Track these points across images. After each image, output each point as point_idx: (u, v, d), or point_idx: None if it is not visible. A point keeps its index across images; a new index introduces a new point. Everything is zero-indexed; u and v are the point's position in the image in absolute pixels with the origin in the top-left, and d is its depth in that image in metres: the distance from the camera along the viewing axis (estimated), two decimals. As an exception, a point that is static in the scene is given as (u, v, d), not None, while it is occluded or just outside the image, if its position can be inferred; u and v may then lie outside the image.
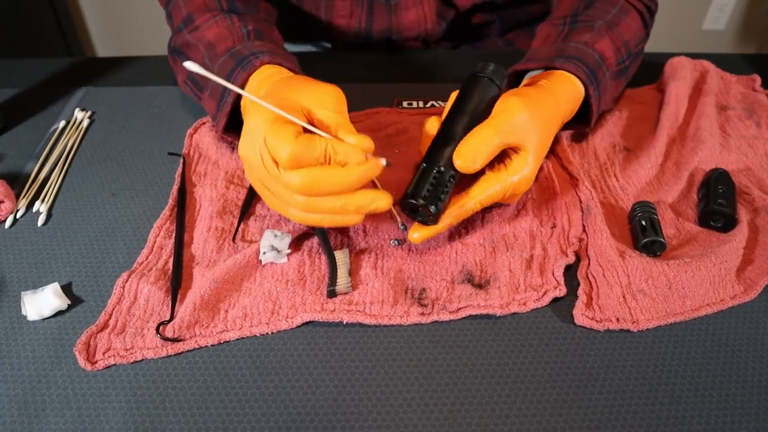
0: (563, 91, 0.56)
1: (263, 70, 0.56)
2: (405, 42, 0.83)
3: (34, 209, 0.59)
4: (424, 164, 0.49)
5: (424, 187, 0.47)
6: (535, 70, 0.60)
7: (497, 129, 0.48)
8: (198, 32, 0.63)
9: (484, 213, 0.56)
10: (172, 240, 0.55)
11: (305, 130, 0.45)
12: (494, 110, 0.51)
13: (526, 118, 0.49)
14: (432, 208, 0.47)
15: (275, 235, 0.53)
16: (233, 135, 0.61)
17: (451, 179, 0.48)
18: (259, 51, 0.57)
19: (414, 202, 0.47)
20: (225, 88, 0.57)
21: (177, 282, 0.51)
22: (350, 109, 0.49)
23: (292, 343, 0.48)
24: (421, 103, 0.72)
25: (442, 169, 0.48)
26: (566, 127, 0.63)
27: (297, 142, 0.44)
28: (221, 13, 0.63)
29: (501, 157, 0.51)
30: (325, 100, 0.47)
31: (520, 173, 0.49)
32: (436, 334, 0.48)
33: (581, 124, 0.62)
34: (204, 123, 0.68)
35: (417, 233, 0.50)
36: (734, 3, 2.05)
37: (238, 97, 0.57)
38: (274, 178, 0.46)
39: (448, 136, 0.49)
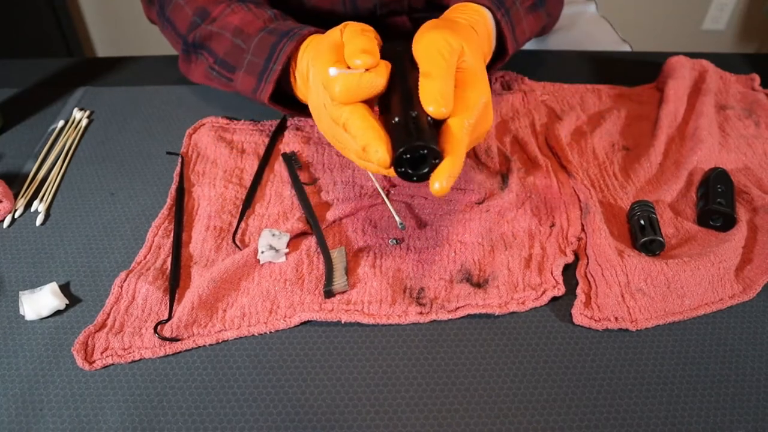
0: (467, 13, 0.56)
1: (311, 40, 0.55)
2: (391, 18, 0.80)
3: (33, 209, 0.59)
4: (396, 119, 0.43)
5: (412, 130, 0.41)
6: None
7: (440, 67, 0.45)
8: (219, 21, 0.63)
9: (483, 212, 0.56)
10: (171, 239, 0.55)
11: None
12: (418, 51, 0.47)
13: (449, 35, 0.47)
14: (434, 145, 0.41)
15: (273, 235, 0.53)
16: (278, 106, 0.60)
17: (429, 118, 0.43)
18: (298, 26, 0.58)
19: (420, 143, 0.40)
20: (267, 61, 0.57)
21: (175, 281, 0.51)
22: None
23: (290, 343, 0.48)
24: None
25: (415, 113, 0.42)
26: (493, 65, 0.62)
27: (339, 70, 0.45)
28: (234, 1, 0.64)
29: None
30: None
31: (478, 84, 0.46)
32: (434, 333, 0.48)
33: (502, 58, 0.62)
34: (203, 123, 0.68)
35: (437, 181, 0.41)
36: (734, 3, 2.05)
37: (285, 67, 0.56)
38: (333, 117, 0.46)
39: (400, 90, 0.45)
